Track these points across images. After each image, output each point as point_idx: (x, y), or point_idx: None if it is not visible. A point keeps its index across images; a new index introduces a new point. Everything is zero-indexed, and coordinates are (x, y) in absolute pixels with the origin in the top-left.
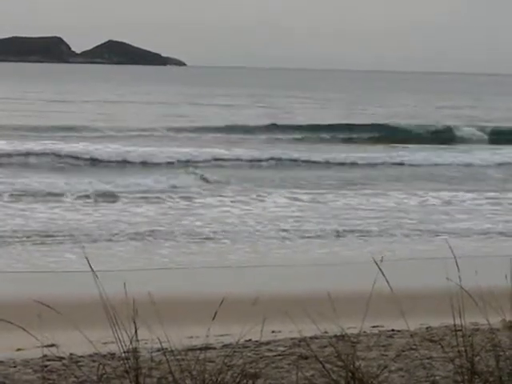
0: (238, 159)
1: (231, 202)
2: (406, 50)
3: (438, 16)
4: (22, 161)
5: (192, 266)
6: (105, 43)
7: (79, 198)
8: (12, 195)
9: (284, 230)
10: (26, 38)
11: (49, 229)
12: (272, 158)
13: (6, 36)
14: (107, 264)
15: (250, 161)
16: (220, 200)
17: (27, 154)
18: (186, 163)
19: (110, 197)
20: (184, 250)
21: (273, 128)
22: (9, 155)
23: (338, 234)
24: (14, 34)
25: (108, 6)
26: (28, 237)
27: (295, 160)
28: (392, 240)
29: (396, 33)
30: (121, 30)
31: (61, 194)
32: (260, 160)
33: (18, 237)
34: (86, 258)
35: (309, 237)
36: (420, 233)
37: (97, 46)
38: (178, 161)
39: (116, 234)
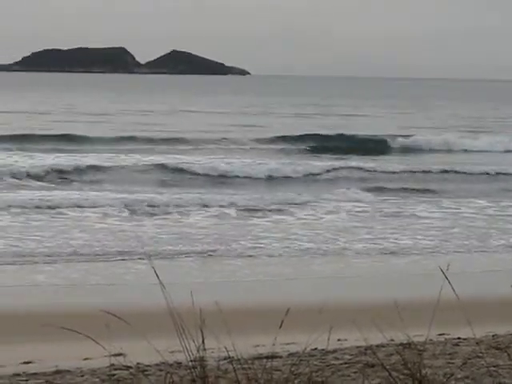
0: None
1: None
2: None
3: None
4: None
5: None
6: (169, 53)
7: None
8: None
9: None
10: (91, 48)
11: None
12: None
13: (72, 47)
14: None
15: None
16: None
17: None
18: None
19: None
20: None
21: None
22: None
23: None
24: (80, 45)
25: (171, 16)
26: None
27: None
28: (459, 249)
29: None
30: (184, 40)
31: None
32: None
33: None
34: (154, 269)
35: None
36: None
37: (161, 57)
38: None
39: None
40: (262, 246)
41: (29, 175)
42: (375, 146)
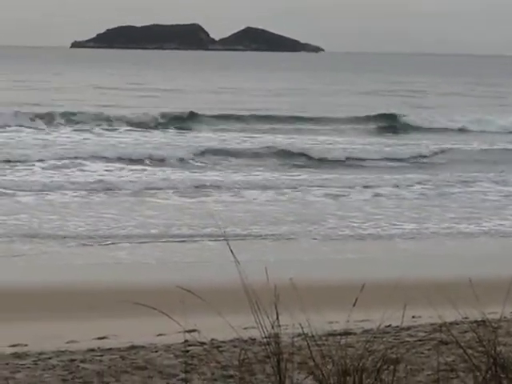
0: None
1: None
2: None
3: None
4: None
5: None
6: (243, 30)
7: None
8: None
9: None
10: (165, 25)
11: None
12: None
13: (146, 24)
14: None
15: None
16: None
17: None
18: None
19: None
20: None
21: None
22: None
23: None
24: (154, 22)
25: None
26: None
27: None
28: None
29: None
30: (258, 16)
31: None
32: None
33: None
34: (229, 245)
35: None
36: None
37: (235, 33)
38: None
39: None
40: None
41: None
42: None
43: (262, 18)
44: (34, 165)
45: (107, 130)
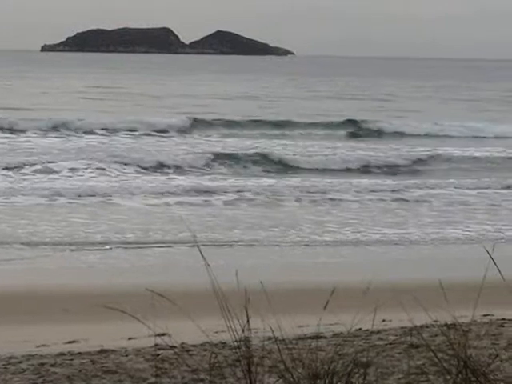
0: None
1: None
2: None
3: None
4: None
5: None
6: (213, 34)
7: None
8: None
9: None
10: (135, 28)
11: None
12: None
13: (115, 27)
14: None
15: None
16: None
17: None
18: None
19: None
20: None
21: None
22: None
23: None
24: (123, 26)
25: None
26: None
27: None
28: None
29: None
30: (228, 20)
31: None
32: None
33: None
34: (198, 247)
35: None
36: None
37: (205, 37)
38: None
39: None
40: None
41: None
42: None
43: (232, 21)
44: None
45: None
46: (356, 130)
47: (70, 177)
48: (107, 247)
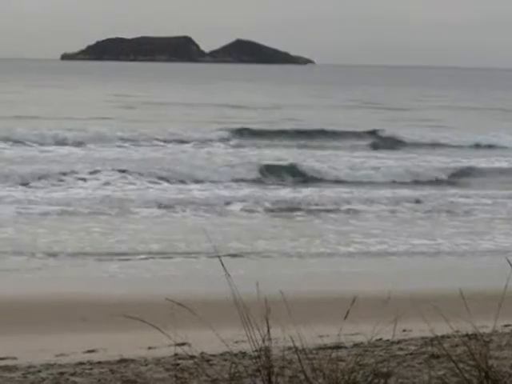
0: None
1: None
2: None
3: None
4: None
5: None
6: (233, 42)
7: None
8: None
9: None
10: (155, 37)
11: None
12: None
13: (136, 36)
14: None
15: None
16: None
17: None
18: None
19: None
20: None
21: None
22: None
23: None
24: (143, 34)
25: (236, 5)
26: None
27: None
28: None
29: None
30: (249, 28)
31: None
32: None
33: None
34: (220, 260)
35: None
36: None
37: (225, 46)
38: None
39: None
40: None
41: None
42: None
43: (252, 30)
44: None
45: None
46: (387, 141)
47: (101, 187)
48: (127, 257)
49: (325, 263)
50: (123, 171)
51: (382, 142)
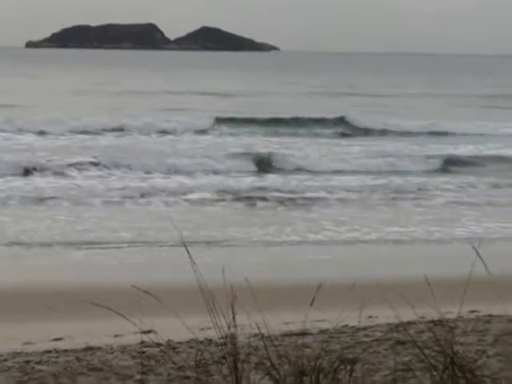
0: None
1: None
2: None
3: None
4: None
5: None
6: (198, 30)
7: None
8: None
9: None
10: (120, 25)
11: None
12: None
13: (100, 23)
14: None
15: None
16: None
17: None
18: None
19: None
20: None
21: None
22: None
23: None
24: (108, 22)
25: None
26: None
27: None
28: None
29: None
30: (213, 16)
31: None
32: None
33: None
34: (186, 247)
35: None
36: None
37: (190, 33)
38: None
39: None
40: None
41: None
42: None
43: (217, 17)
44: None
45: None
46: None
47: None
48: (92, 245)
49: (291, 251)
50: (94, 162)
51: (349, 129)
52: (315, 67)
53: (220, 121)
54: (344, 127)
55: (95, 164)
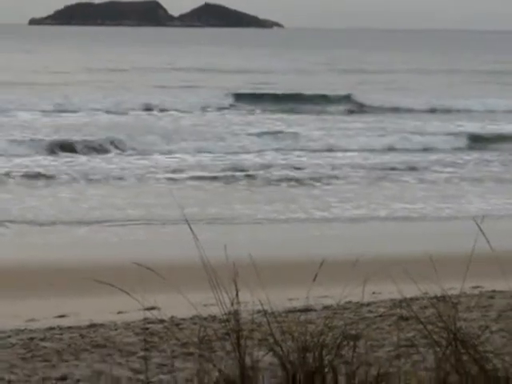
0: None
1: None
2: None
3: None
4: None
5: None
6: (201, 6)
7: None
8: None
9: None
10: (123, 2)
11: None
12: None
13: (104, 1)
14: None
15: None
16: None
17: None
18: None
19: None
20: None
21: None
22: None
23: None
24: None
25: None
26: None
27: None
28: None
29: None
30: None
31: None
32: None
33: None
34: (189, 224)
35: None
36: None
37: (194, 10)
38: None
39: None
40: None
41: None
42: None
43: None
44: None
45: None
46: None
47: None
48: (95, 223)
49: (295, 228)
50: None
51: (354, 106)
52: (316, 44)
53: (238, 97)
54: (351, 105)
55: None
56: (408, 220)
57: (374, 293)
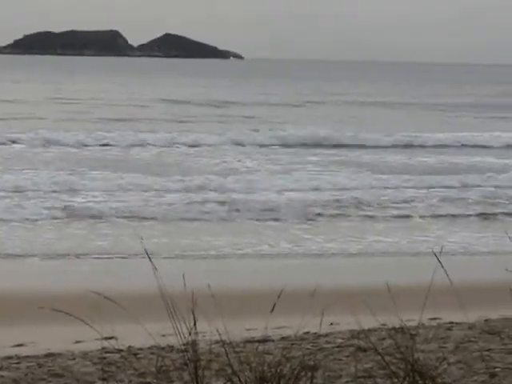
0: None
1: None
2: None
3: None
4: None
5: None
6: (162, 36)
7: None
8: None
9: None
10: (83, 31)
11: None
12: None
13: (64, 30)
14: None
15: None
16: None
17: None
18: None
19: None
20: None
21: None
22: None
23: None
24: (72, 28)
25: None
26: None
27: None
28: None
29: None
30: (177, 23)
31: None
32: None
33: None
34: (147, 253)
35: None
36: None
37: (154, 40)
38: None
39: None
40: None
41: None
42: None
43: (182, 24)
44: None
45: None
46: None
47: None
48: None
49: (253, 258)
50: None
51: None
52: (275, 74)
53: None
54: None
55: None
56: (366, 254)
57: (332, 324)
